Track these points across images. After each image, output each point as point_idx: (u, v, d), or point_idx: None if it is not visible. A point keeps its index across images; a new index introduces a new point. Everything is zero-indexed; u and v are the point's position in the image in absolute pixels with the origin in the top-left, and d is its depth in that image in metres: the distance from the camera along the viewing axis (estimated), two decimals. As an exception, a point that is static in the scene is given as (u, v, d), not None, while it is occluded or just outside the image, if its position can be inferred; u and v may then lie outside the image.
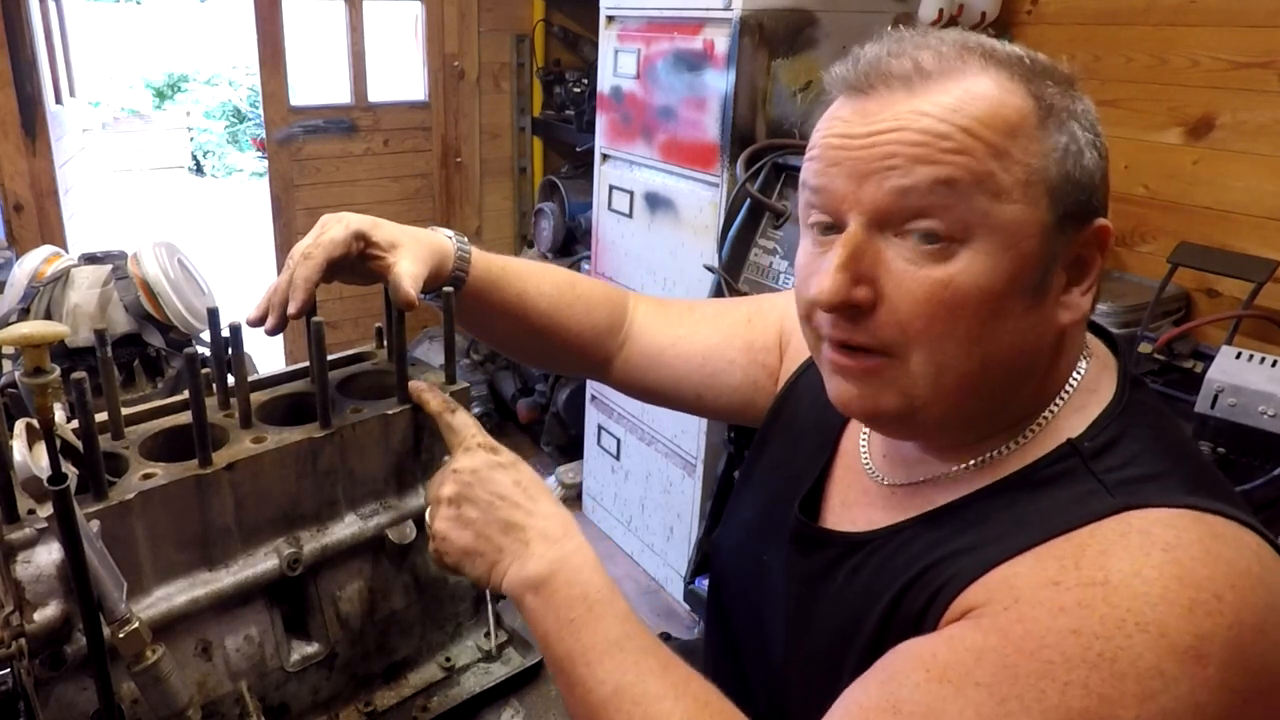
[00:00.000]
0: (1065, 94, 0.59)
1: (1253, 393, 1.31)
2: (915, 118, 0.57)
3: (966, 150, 0.56)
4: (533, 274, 0.93)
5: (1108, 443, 0.60)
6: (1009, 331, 0.58)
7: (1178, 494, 0.54)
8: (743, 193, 1.94)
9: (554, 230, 3.07)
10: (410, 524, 0.79)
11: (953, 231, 0.56)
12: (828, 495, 0.77)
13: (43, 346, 0.57)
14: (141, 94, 8.95)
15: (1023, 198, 0.56)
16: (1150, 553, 0.51)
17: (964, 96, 0.57)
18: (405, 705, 0.82)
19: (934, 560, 0.60)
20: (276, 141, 3.00)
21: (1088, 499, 0.56)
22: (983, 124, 0.56)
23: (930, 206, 0.56)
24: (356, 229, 0.80)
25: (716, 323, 0.96)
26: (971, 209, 0.56)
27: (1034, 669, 0.49)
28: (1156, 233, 1.98)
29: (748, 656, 0.80)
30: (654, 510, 2.51)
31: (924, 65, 0.58)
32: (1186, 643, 0.47)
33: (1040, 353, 0.61)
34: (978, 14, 2.10)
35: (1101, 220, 0.60)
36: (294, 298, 0.75)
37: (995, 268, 0.56)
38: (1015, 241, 0.56)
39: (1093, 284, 0.61)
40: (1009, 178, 0.56)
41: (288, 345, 3.21)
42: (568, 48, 3.30)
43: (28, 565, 0.58)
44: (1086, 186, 0.58)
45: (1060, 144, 0.57)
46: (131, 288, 1.56)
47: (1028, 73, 0.58)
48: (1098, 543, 0.53)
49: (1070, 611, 0.50)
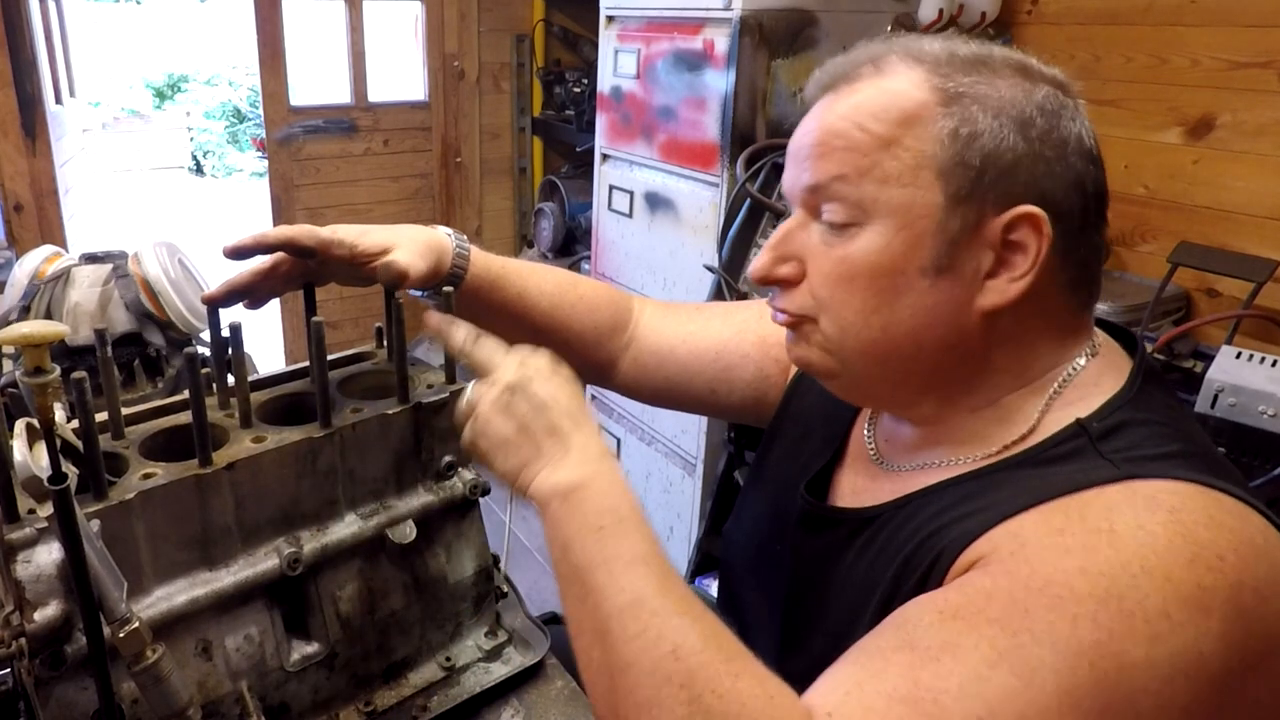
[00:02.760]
0: (984, 81, 0.61)
1: (1253, 393, 1.31)
2: (828, 119, 0.64)
3: (855, 145, 0.62)
4: (534, 273, 0.93)
5: (1116, 425, 0.60)
6: (909, 306, 0.63)
7: (1186, 471, 0.55)
8: (743, 193, 1.94)
9: (554, 230, 3.07)
10: (410, 524, 0.79)
11: (852, 216, 0.63)
12: (837, 482, 0.78)
13: (43, 346, 0.57)
14: (141, 94, 8.96)
15: (912, 181, 0.61)
16: (1155, 512, 0.52)
17: (871, 94, 0.63)
18: (405, 705, 0.82)
19: (940, 525, 0.61)
20: (276, 141, 3.00)
21: (1092, 471, 0.57)
22: (874, 117, 0.62)
23: (831, 195, 0.64)
24: (341, 237, 0.79)
25: (728, 318, 0.96)
26: (863, 195, 0.62)
27: (1043, 603, 0.50)
28: (1156, 232, 1.98)
29: (759, 649, 0.81)
30: (654, 510, 2.51)
31: (859, 70, 0.65)
32: (1190, 591, 0.48)
33: (962, 331, 0.63)
34: (977, 14, 2.10)
35: (1025, 207, 0.59)
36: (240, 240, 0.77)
37: (889, 246, 0.62)
38: (908, 222, 0.61)
39: (1027, 273, 0.60)
40: (897, 164, 0.61)
41: (288, 345, 3.21)
42: (568, 48, 3.30)
43: (28, 565, 0.58)
44: (992, 168, 0.59)
45: (949, 127, 0.60)
46: (132, 286, 1.56)
47: (948, 68, 0.62)
48: (1103, 500, 0.54)
49: (1076, 553, 0.51)
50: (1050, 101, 0.61)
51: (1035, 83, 0.62)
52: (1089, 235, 0.63)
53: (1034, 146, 0.60)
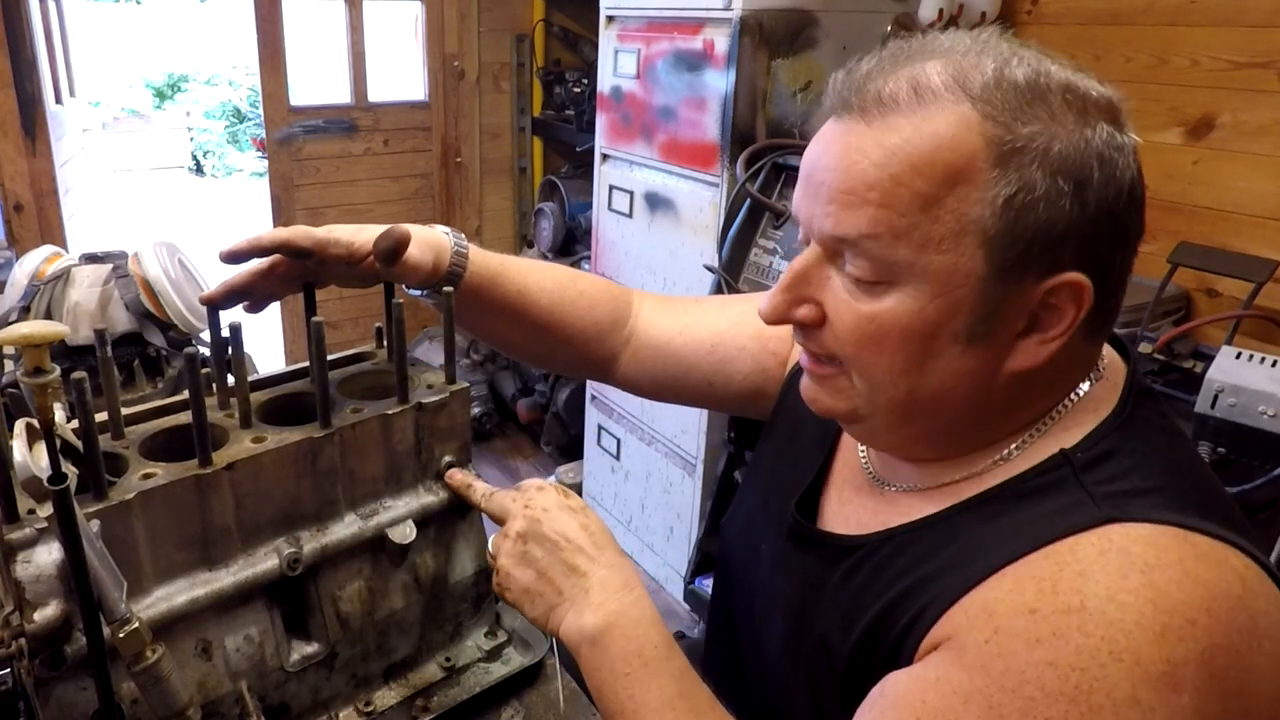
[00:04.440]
0: (1041, 129, 0.54)
1: (1253, 393, 1.31)
2: (858, 158, 0.57)
3: (891, 202, 0.56)
4: (533, 271, 0.93)
5: (1102, 455, 0.59)
6: (940, 369, 0.59)
7: (1166, 511, 0.54)
8: (743, 193, 1.94)
9: (554, 230, 3.07)
10: (410, 524, 0.79)
11: (879, 275, 0.58)
12: (826, 491, 0.78)
13: (43, 346, 0.56)
14: (141, 94, 8.96)
15: (953, 248, 0.55)
16: (1128, 575, 0.51)
17: (911, 136, 0.56)
18: (405, 705, 0.82)
19: (918, 577, 0.61)
20: (276, 141, 3.00)
21: (1072, 510, 0.56)
22: (916, 171, 0.55)
23: (858, 251, 0.58)
24: (337, 237, 0.80)
25: (725, 310, 0.96)
26: (896, 258, 0.57)
27: (1017, 707, 0.50)
28: (1156, 233, 1.98)
29: (743, 642, 0.81)
30: (654, 510, 2.51)
31: (895, 95, 0.57)
32: (1160, 669, 0.48)
33: (987, 391, 0.61)
34: (977, 14, 2.10)
35: (1070, 275, 0.56)
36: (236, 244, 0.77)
37: (922, 312, 0.57)
38: (945, 290, 0.57)
39: (1059, 336, 0.58)
40: (938, 228, 0.55)
41: (288, 345, 3.21)
42: (568, 48, 3.29)
43: (28, 565, 0.58)
44: (1042, 238, 0.55)
45: (1004, 195, 0.54)
46: (132, 285, 1.56)
47: (1002, 107, 0.55)
48: (1077, 562, 0.53)
49: (1047, 643, 0.50)
50: (1108, 147, 0.55)
51: (1093, 121, 0.56)
52: (1122, 280, 0.60)
53: (1088, 211, 0.55)
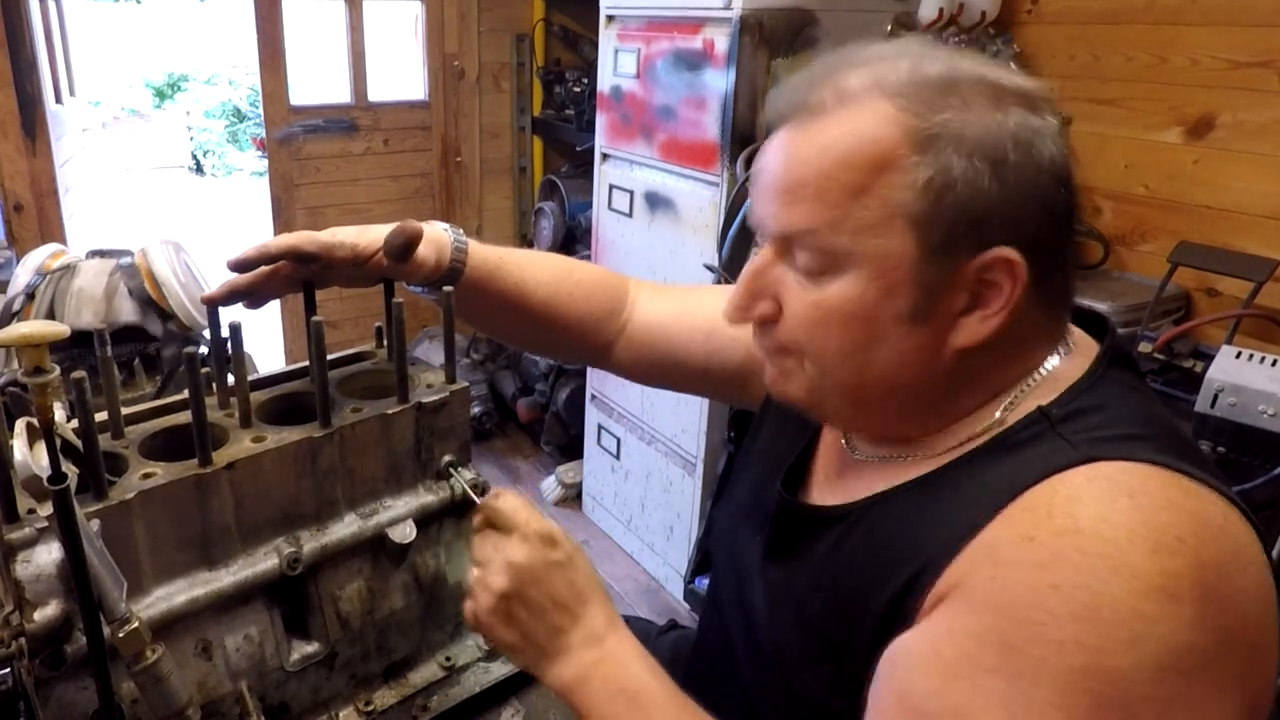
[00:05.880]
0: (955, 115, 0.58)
1: (1253, 392, 1.31)
2: (794, 160, 0.62)
3: (823, 195, 0.60)
4: (530, 263, 0.94)
5: (1078, 410, 0.61)
6: (887, 350, 0.62)
7: (1147, 453, 0.56)
8: (743, 192, 1.94)
9: (554, 230, 3.07)
10: (410, 524, 0.79)
11: (824, 265, 0.62)
12: (812, 472, 0.79)
13: (43, 346, 0.57)
14: (141, 93, 8.96)
15: (885, 233, 0.59)
16: (1115, 498, 0.53)
17: (837, 134, 0.60)
18: (405, 705, 0.82)
19: (912, 535, 0.61)
20: (276, 141, 3.00)
21: (1054, 455, 0.58)
22: (844, 164, 0.60)
23: (803, 244, 0.63)
24: (341, 239, 0.81)
25: (720, 299, 0.96)
26: (835, 246, 0.61)
27: (1028, 635, 0.50)
28: (1156, 232, 1.98)
29: (734, 635, 0.81)
30: (654, 510, 2.51)
31: (822, 101, 0.62)
32: (1158, 582, 0.49)
33: (935, 368, 0.63)
34: (977, 13, 2.10)
35: (1001, 250, 0.58)
36: (244, 253, 0.78)
37: (862, 296, 0.61)
38: (882, 273, 0.60)
39: (999, 311, 0.60)
40: (869, 215, 0.59)
41: (288, 345, 3.21)
42: (568, 47, 3.29)
43: (28, 565, 0.58)
44: (966, 217, 0.58)
45: (924, 178, 0.58)
46: (136, 274, 1.57)
47: (917, 99, 0.59)
48: (1066, 489, 0.55)
49: (1049, 566, 0.52)
50: (1023, 130, 0.58)
51: (1006, 107, 0.59)
52: (1061, 256, 0.62)
53: (1008, 189, 0.58)
